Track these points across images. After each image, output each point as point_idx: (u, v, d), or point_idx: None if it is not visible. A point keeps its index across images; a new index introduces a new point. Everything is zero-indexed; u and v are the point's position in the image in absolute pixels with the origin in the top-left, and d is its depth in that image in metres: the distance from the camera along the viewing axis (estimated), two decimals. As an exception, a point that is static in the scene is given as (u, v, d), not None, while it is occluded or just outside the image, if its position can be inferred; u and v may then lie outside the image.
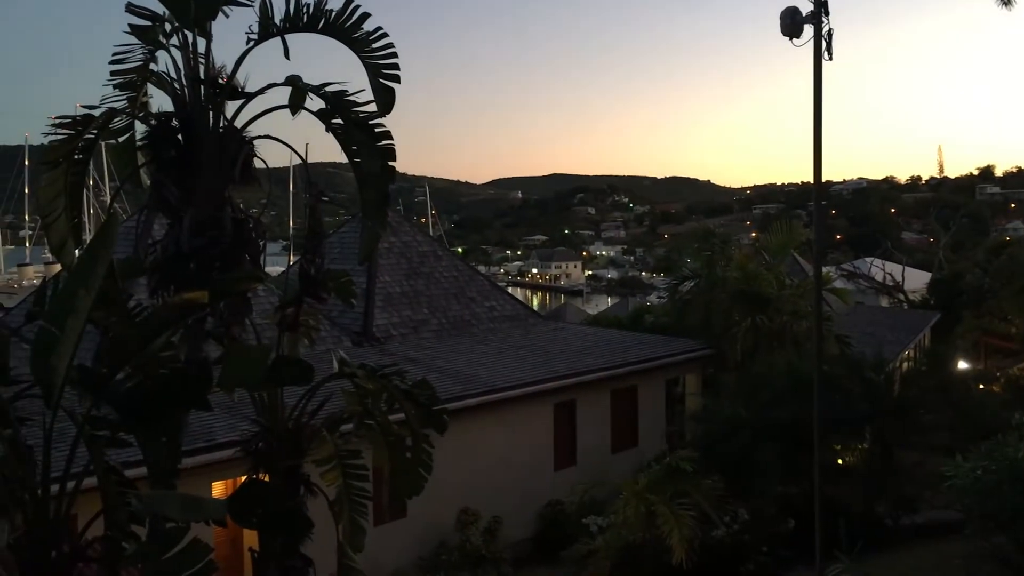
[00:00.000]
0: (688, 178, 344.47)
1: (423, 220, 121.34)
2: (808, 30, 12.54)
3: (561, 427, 20.28)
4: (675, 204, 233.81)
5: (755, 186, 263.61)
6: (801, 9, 12.48)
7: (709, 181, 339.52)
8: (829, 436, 15.92)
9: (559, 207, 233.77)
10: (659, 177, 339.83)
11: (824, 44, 12.60)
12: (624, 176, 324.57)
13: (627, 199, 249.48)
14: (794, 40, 12.54)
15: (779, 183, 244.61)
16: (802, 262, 32.33)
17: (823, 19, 12.54)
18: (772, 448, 16.55)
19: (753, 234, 74.32)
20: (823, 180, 14.15)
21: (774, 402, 17.38)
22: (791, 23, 12.42)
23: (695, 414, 20.47)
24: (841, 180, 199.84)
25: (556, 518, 18.57)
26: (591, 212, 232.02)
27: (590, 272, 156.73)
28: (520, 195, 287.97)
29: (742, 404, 18.04)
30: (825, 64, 12.81)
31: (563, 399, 20.17)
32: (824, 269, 18.81)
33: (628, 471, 17.49)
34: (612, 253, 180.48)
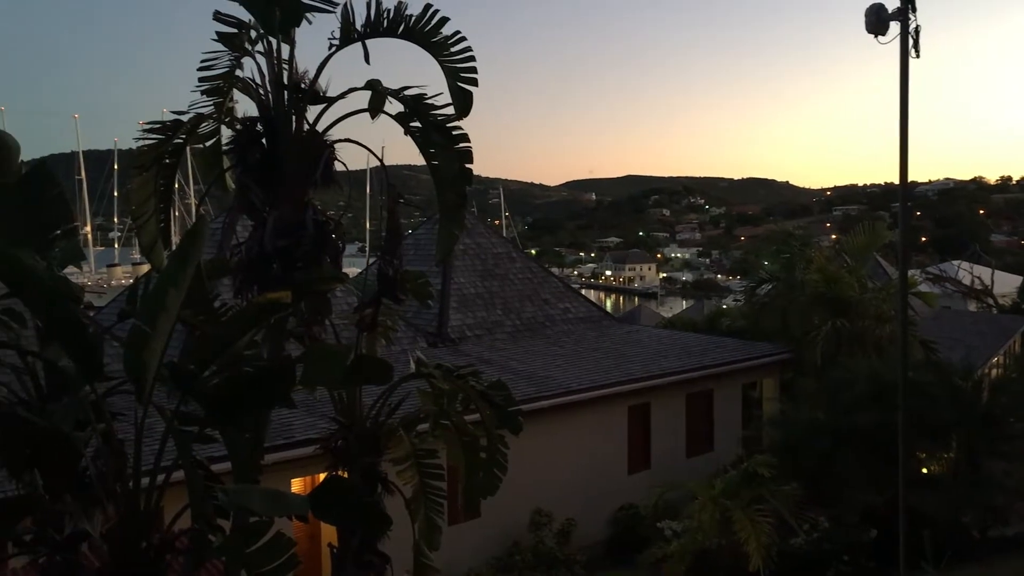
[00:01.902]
0: (765, 179, 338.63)
1: (496, 222, 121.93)
2: (894, 27, 12.19)
3: (635, 430, 20.14)
4: (752, 206, 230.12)
5: (835, 187, 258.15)
6: (887, 5, 12.14)
7: (787, 182, 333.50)
8: (914, 443, 15.46)
9: (633, 209, 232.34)
10: (735, 178, 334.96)
11: (911, 41, 12.23)
12: (700, 177, 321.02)
13: (703, 201, 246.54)
14: (879, 37, 12.19)
15: (860, 184, 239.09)
16: (885, 265, 31.45)
17: (910, 15, 12.18)
18: (853, 455, 16.14)
19: (833, 236, 72.59)
20: (908, 180, 13.75)
21: (855, 408, 16.94)
22: (876, 20, 12.08)
23: (773, 419, 20.08)
24: (927, 180, 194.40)
25: (630, 521, 18.47)
26: (666, 214, 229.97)
27: (664, 274, 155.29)
28: (594, 197, 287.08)
29: (822, 409, 17.63)
30: (911, 61, 12.45)
31: (637, 402, 20.02)
32: (909, 272, 18.27)
33: (703, 476, 17.28)
34: (687, 255, 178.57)
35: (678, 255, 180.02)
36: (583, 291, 37.79)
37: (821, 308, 22.46)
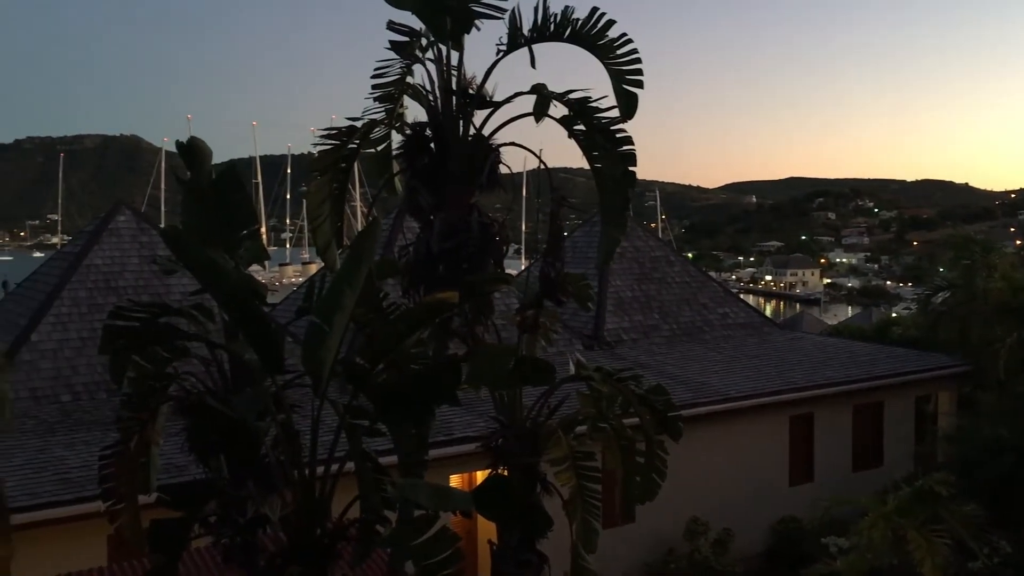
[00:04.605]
0: (942, 180, 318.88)
1: (653, 225, 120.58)
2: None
3: (797, 441, 19.45)
4: (926, 209, 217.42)
5: (1021, 189, 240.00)
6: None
7: (967, 184, 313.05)
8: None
9: (796, 212, 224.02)
10: (908, 180, 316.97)
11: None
12: (869, 179, 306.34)
13: (872, 203, 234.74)
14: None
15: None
16: (1079, 273, 28.96)
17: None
18: (1041, 476, 15.01)
19: (1018, 242, 67.64)
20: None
21: (1044, 426, 15.75)
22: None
23: (949, 435, 18.95)
24: None
25: (791, 535, 17.85)
26: (831, 217, 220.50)
27: (829, 280, 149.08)
28: (754, 199, 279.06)
29: (1005, 426, 16.49)
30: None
31: (800, 412, 19.33)
32: (1108, 281, 16.78)
33: (871, 491, 16.48)
34: (854, 260, 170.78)
35: (844, 260, 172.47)
36: (741, 296, 36.66)
37: (1006, 318, 20.93)
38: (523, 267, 38.22)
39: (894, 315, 49.71)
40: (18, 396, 14.42)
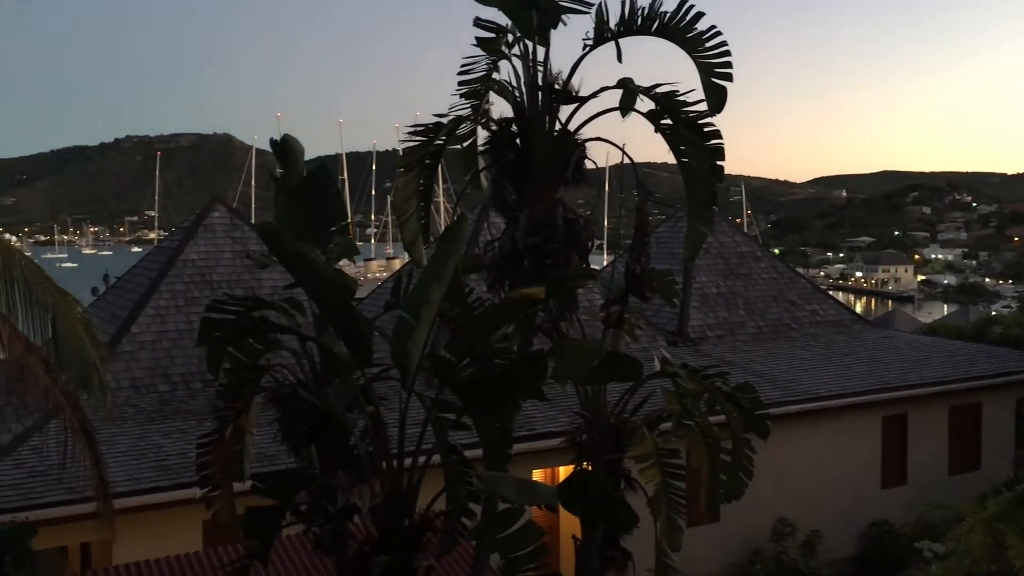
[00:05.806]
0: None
1: (738, 221, 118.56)
2: None
3: (890, 442, 18.90)
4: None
5: None
6: None
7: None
8: None
9: (889, 207, 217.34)
10: (1009, 173, 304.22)
11: None
12: (966, 172, 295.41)
13: (970, 197, 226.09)
14: None
15: None
16: None
17: None
18: None
19: None
20: None
21: None
22: None
23: (1053, 439, 18.15)
24: None
25: (883, 539, 17.39)
26: (926, 212, 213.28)
27: (923, 277, 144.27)
28: (844, 194, 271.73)
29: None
30: None
31: (893, 412, 18.77)
32: None
33: (967, 495, 15.93)
34: (950, 257, 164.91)
35: (939, 256, 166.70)
36: (830, 293, 35.68)
37: (1115, 317, 19.99)
38: (605, 263, 38.06)
39: (994, 313, 47.83)
40: (119, 386, 15.01)
